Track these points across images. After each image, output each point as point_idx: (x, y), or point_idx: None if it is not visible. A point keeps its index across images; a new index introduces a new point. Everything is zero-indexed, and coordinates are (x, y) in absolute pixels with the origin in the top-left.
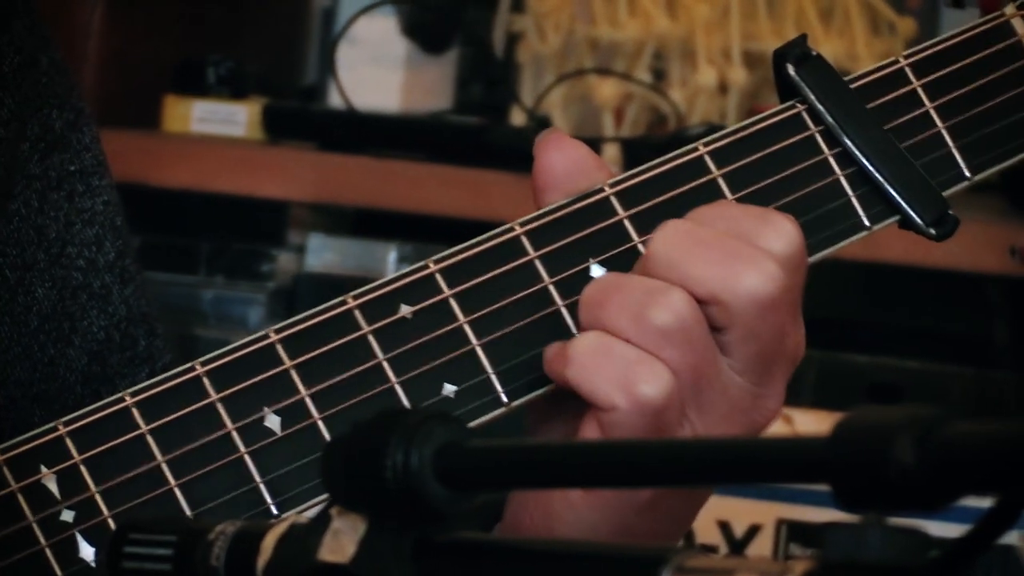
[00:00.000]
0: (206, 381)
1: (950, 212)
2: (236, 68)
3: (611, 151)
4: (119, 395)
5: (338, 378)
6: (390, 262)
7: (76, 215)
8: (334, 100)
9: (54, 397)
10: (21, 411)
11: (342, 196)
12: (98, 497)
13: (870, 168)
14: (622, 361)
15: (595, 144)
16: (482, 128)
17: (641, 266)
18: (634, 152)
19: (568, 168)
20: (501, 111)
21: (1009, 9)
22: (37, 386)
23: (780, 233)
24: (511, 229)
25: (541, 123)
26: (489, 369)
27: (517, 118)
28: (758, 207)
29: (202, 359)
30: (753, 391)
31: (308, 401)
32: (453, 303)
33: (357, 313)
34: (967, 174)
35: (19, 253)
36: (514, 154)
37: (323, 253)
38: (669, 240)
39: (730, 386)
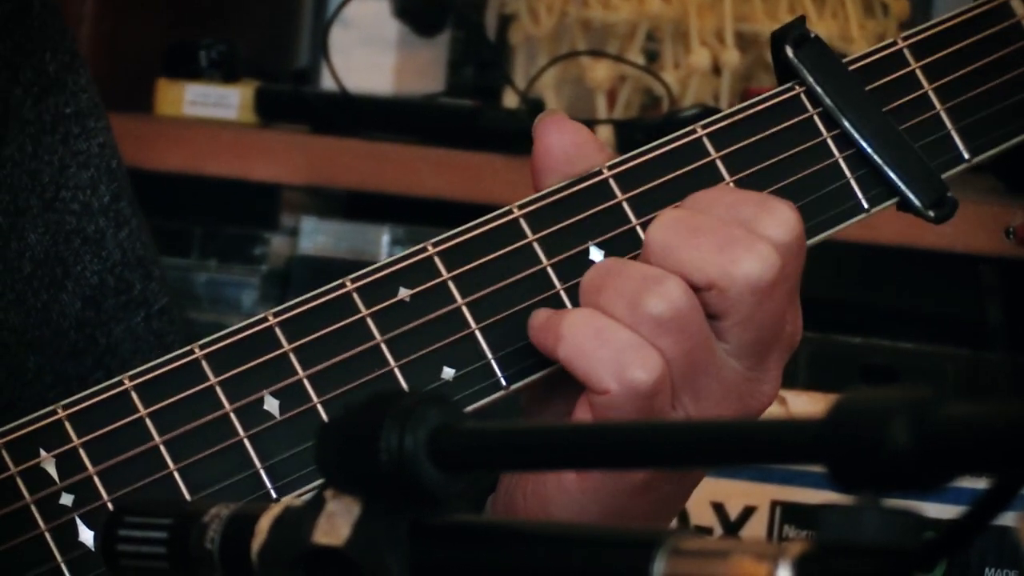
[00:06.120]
0: (205, 364)
1: (949, 194)
2: (228, 51)
3: (604, 133)
4: (118, 379)
5: (336, 361)
6: (383, 245)
7: (71, 158)
8: (326, 83)
9: (48, 343)
10: (15, 357)
11: (335, 179)
12: (97, 480)
13: (868, 150)
14: (615, 344)
15: (588, 126)
16: (475, 110)
17: (641, 255)
18: (627, 134)
19: (567, 150)
20: (494, 93)
21: None
22: (31, 332)
23: (779, 219)
24: (509, 212)
25: (534, 105)
26: (488, 353)
27: (510, 100)
28: (757, 193)
29: (201, 342)
30: (749, 376)
31: (307, 384)
32: (452, 286)
33: (355, 296)
34: (966, 156)
35: (12, 199)
36: (507, 136)
37: (316, 236)
38: (665, 227)
39: (725, 372)
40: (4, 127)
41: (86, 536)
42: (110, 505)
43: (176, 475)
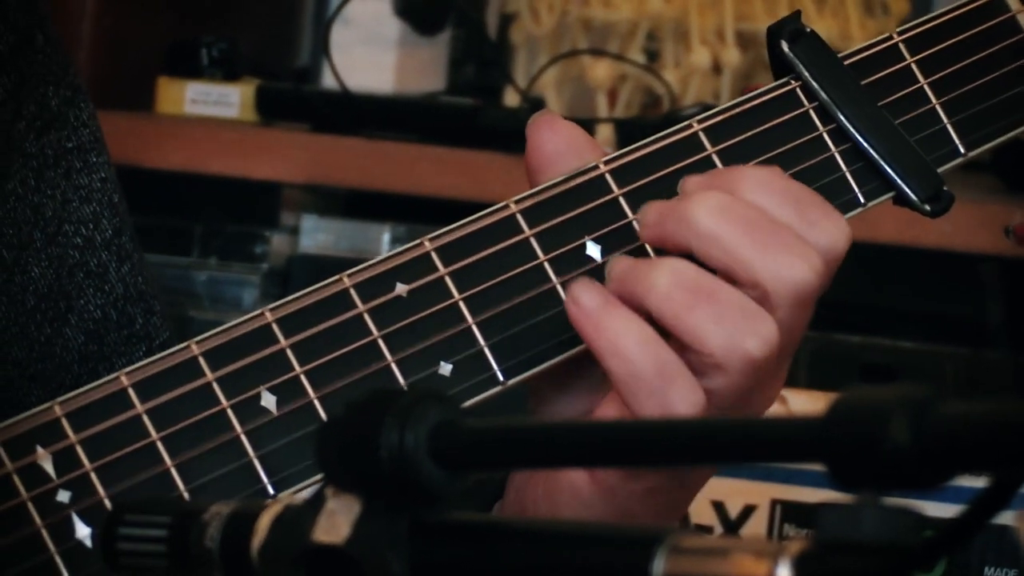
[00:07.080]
0: (202, 361)
1: (945, 188)
2: (229, 49)
3: (605, 132)
4: (115, 375)
5: (334, 356)
6: (384, 243)
7: (73, 192)
8: (327, 81)
9: (51, 376)
10: (18, 390)
11: (335, 177)
12: (94, 477)
13: (864, 144)
14: (670, 380)
15: (589, 125)
16: (475, 109)
17: (674, 230)
18: (628, 133)
19: (560, 148)
20: (494, 92)
21: None
22: (34, 366)
23: (838, 229)
24: (506, 207)
25: (534, 104)
26: (485, 347)
27: (510, 99)
28: (816, 194)
29: (198, 339)
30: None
31: (304, 380)
32: (449, 281)
33: (352, 292)
34: (961, 150)
35: (15, 232)
36: (507, 135)
37: (317, 234)
38: (717, 215)
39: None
40: (7, 161)
41: (83, 532)
42: (107, 501)
43: (173, 471)
